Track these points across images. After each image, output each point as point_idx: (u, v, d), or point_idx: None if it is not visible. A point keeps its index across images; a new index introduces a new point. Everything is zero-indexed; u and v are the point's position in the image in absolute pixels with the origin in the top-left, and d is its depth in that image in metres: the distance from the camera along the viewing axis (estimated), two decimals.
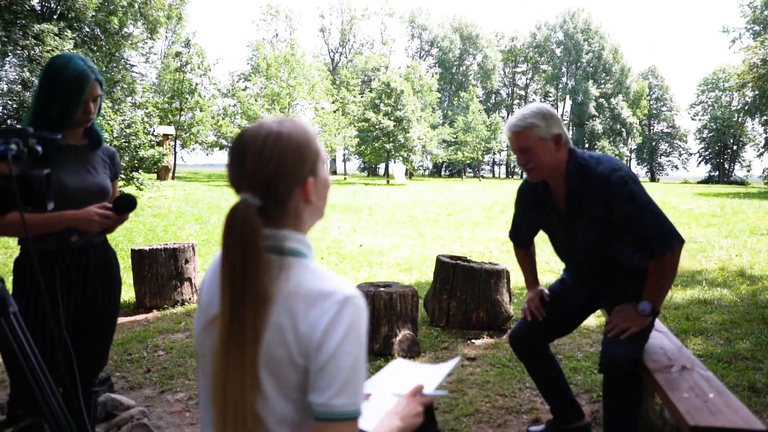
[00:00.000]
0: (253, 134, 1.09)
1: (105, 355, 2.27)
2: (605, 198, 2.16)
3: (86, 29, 27.80)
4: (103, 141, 2.24)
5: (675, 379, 1.93)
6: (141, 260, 5.35)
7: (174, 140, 32.95)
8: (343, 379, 1.00)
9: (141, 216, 11.76)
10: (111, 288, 2.22)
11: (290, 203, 1.09)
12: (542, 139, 2.21)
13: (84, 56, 2.11)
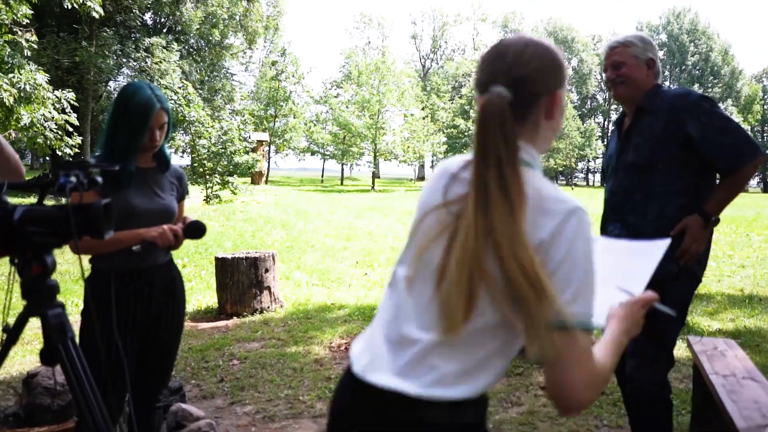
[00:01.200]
0: (514, 40, 1.12)
1: (168, 374, 2.33)
2: (673, 109, 2.13)
3: (191, 41, 29.54)
4: (171, 163, 2.31)
5: None
6: (224, 267, 5.54)
7: (268, 146, 34.27)
8: (577, 286, 0.96)
9: (232, 220, 12.26)
10: (175, 308, 2.28)
11: (534, 111, 1.10)
12: (636, 57, 2.24)
13: (154, 85, 2.18)
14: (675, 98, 2.17)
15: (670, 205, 2.11)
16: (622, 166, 2.23)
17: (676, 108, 2.13)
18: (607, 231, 2.33)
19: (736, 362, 2.44)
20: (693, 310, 5.66)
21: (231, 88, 35.22)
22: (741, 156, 2.05)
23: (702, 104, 2.12)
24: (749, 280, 7.27)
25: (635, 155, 2.18)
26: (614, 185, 2.27)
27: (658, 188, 2.11)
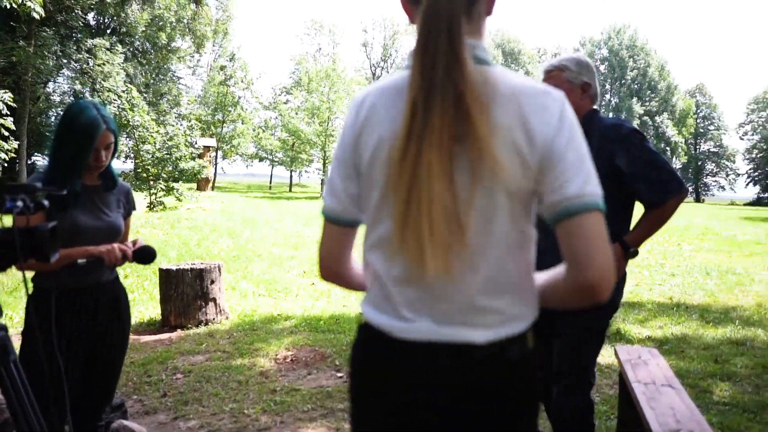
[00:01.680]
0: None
1: (112, 391, 2.33)
2: (604, 140, 2.16)
3: (137, 43, 28.81)
4: (118, 181, 2.32)
5: None
6: (168, 279, 5.47)
7: (215, 152, 33.72)
8: (588, 167, 0.98)
9: (177, 228, 12.03)
10: (120, 325, 2.28)
11: (478, 6, 1.05)
12: (570, 82, 2.25)
13: (100, 104, 2.19)
14: (608, 128, 2.20)
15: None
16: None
17: (608, 138, 2.17)
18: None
19: (657, 370, 2.63)
20: (625, 318, 5.95)
21: (177, 92, 34.48)
22: (667, 191, 2.14)
23: (632, 138, 2.17)
24: (678, 289, 7.67)
25: None
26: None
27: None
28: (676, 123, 66.91)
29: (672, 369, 4.16)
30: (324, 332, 5.34)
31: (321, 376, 4.16)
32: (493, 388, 1.01)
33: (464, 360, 1.01)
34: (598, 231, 0.96)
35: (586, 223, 0.95)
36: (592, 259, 0.95)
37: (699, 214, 27.52)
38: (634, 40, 68.52)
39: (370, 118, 1.06)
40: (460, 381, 1.01)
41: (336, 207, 1.13)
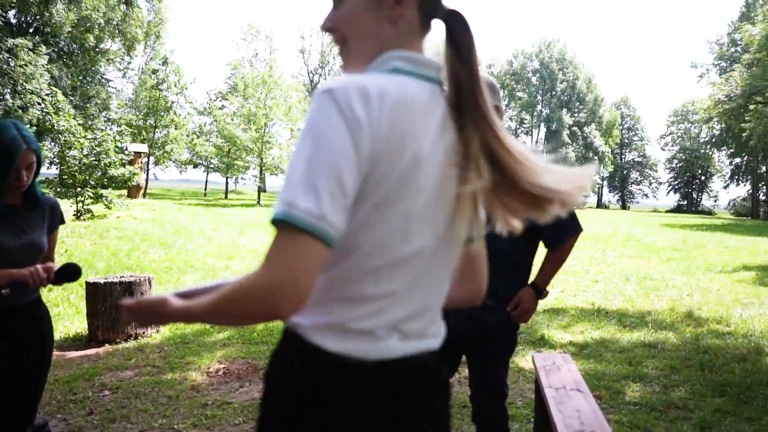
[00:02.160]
0: None
1: (34, 412, 2.30)
2: None
3: (62, 44, 27.66)
4: (41, 198, 2.30)
5: None
6: (95, 293, 5.34)
7: (147, 157, 32.74)
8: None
9: (106, 238, 11.66)
10: (41, 346, 2.27)
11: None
12: None
13: (21, 124, 2.18)
14: None
15: (512, 275, 2.36)
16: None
17: None
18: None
19: (568, 375, 2.82)
20: (549, 325, 6.24)
21: (107, 95, 33.32)
22: (566, 232, 2.33)
23: None
24: (600, 295, 8.08)
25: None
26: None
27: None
28: (603, 133, 70.03)
29: (590, 372, 4.44)
30: (258, 344, 5.34)
31: (254, 389, 4.18)
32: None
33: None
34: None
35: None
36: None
37: (624, 221, 28.95)
38: (564, 53, 71.29)
39: (401, 124, 0.96)
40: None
41: (340, 224, 0.90)
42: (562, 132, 67.94)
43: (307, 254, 0.87)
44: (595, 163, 9.47)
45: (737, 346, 5.37)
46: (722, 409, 3.82)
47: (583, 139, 68.62)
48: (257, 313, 0.92)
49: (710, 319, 6.54)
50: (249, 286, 0.89)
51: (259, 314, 0.92)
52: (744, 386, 4.22)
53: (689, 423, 3.60)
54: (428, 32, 1.12)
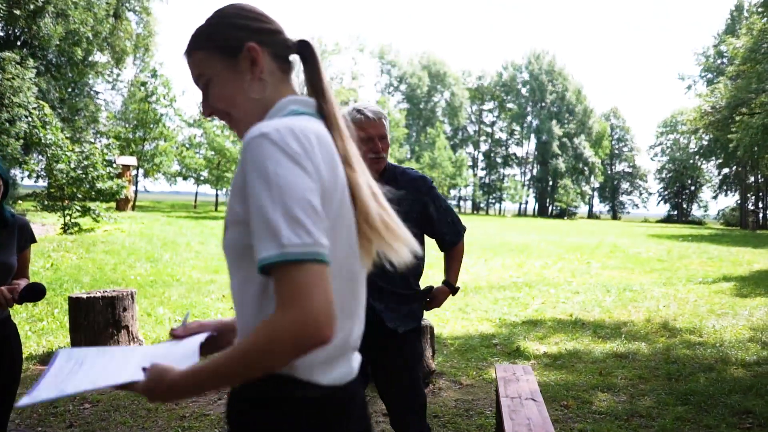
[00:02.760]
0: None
1: (4, 426, 2.40)
2: (418, 191, 2.42)
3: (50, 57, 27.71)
4: (9, 219, 2.42)
5: None
6: (78, 307, 5.41)
7: (136, 170, 32.76)
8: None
9: (92, 252, 11.71)
10: (10, 366, 2.37)
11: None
12: (386, 135, 2.38)
13: None
14: (415, 180, 2.45)
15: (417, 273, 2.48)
16: None
17: (419, 189, 2.44)
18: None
19: (525, 386, 2.95)
20: (526, 336, 6.38)
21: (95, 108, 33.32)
22: (459, 232, 2.57)
23: (434, 189, 2.50)
24: (579, 306, 8.24)
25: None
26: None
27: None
28: (593, 144, 70.67)
29: (560, 383, 4.57)
30: None
31: None
32: None
33: None
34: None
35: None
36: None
37: (612, 232, 29.26)
38: (553, 65, 72.00)
39: (327, 155, 1.04)
40: None
41: (328, 244, 0.95)
42: (552, 143, 68.51)
43: (320, 279, 0.90)
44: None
45: (706, 356, 5.52)
46: (683, 417, 3.96)
47: (573, 150, 69.22)
48: (294, 353, 0.90)
49: (683, 330, 6.70)
50: (277, 330, 0.89)
51: (297, 353, 0.90)
52: (707, 395, 4.37)
53: (650, 430, 3.74)
54: (293, 68, 1.24)
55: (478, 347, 5.91)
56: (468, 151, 75.11)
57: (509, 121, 74.16)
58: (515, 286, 10.17)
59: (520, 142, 75.56)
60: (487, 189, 72.65)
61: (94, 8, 26.50)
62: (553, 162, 69.01)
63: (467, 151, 74.72)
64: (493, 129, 76.80)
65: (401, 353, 2.38)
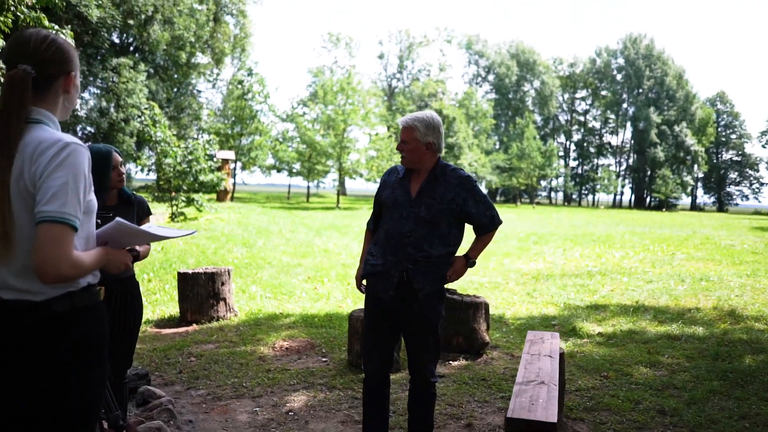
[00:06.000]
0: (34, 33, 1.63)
1: (129, 359, 3.21)
2: (461, 188, 2.94)
3: (158, 61, 30.20)
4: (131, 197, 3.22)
5: (526, 390, 2.68)
6: (185, 281, 6.38)
7: (234, 163, 34.94)
8: (52, 194, 1.46)
9: (196, 238, 13.02)
10: (132, 316, 3.16)
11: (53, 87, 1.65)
12: (417, 140, 2.93)
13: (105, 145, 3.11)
14: (460, 178, 2.99)
15: (446, 249, 2.99)
16: (413, 217, 2.93)
17: (462, 186, 2.96)
18: (387, 262, 2.95)
19: (547, 346, 3.43)
20: (586, 318, 6.72)
21: (198, 106, 35.83)
22: (494, 224, 3.05)
23: (476, 187, 3.00)
24: (647, 293, 8.37)
25: (427, 212, 2.92)
26: (407, 230, 2.93)
27: (438, 239, 2.95)
28: (695, 132, 66.82)
29: (606, 357, 4.97)
30: (317, 327, 6.20)
31: (308, 360, 5.02)
32: None
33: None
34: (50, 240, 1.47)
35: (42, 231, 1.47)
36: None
37: (710, 224, 27.90)
38: (651, 49, 68.63)
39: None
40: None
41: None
42: (650, 131, 65.50)
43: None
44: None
45: (762, 341, 5.65)
46: (716, 390, 4.26)
47: (674, 138, 65.80)
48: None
49: (749, 317, 6.76)
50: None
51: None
52: (747, 373, 4.60)
53: (679, 399, 4.08)
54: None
55: (537, 326, 6.34)
56: (559, 140, 73.31)
57: (603, 109, 71.54)
58: (588, 274, 10.36)
59: (615, 130, 72.72)
60: (580, 180, 70.51)
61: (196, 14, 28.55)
62: (651, 151, 65.92)
63: (558, 141, 72.94)
64: (586, 118, 74.39)
65: (424, 309, 2.94)
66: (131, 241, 1.85)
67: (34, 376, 1.53)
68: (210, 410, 3.88)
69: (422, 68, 71.18)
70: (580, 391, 4.25)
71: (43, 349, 1.54)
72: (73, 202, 1.49)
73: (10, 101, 1.52)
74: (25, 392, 1.53)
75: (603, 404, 3.98)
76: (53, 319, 1.55)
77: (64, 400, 1.56)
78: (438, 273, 2.94)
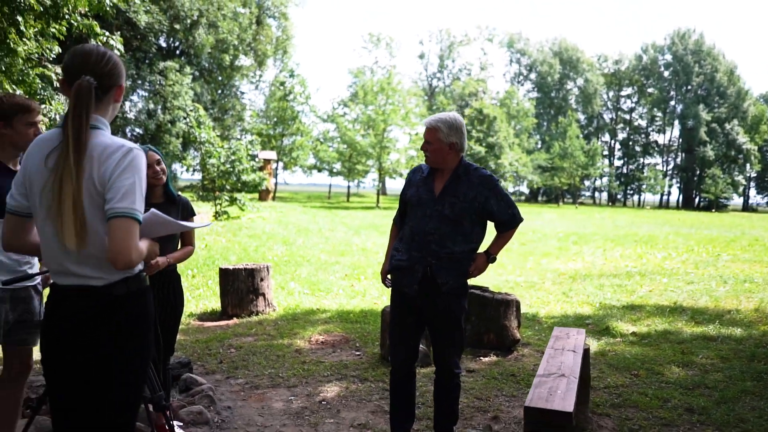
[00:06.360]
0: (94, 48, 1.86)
1: (171, 345, 3.42)
2: (483, 187, 3.05)
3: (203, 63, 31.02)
4: (176, 197, 3.42)
5: (546, 381, 2.77)
6: (226, 277, 6.64)
7: (276, 163, 35.57)
8: (122, 193, 1.67)
9: (238, 236, 13.40)
10: (173, 307, 3.37)
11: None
12: (440, 140, 3.05)
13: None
14: (482, 177, 3.09)
15: (469, 246, 3.09)
16: (437, 215, 3.04)
17: (484, 185, 3.07)
18: (413, 258, 3.07)
19: (571, 341, 3.49)
20: (621, 318, 6.70)
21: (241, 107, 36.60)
22: (514, 221, 3.14)
23: (498, 186, 3.10)
24: (687, 294, 8.25)
25: (450, 210, 3.03)
26: (431, 227, 3.04)
27: (461, 236, 3.06)
28: (747, 130, 64.57)
29: (638, 357, 4.98)
30: (353, 323, 6.37)
31: (342, 354, 5.19)
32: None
33: None
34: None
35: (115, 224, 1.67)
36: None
37: (761, 225, 26.97)
38: (700, 44, 66.60)
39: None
40: None
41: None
42: (699, 129, 63.56)
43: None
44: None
45: None
46: (748, 390, 4.23)
47: (724, 136, 63.68)
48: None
49: None
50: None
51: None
52: None
53: (709, 398, 4.08)
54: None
55: (570, 325, 6.35)
56: (604, 139, 71.85)
57: (650, 107, 69.78)
58: (627, 274, 10.25)
59: (662, 128, 70.80)
60: (625, 179, 68.90)
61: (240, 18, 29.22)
62: (700, 150, 63.94)
63: (603, 139, 71.49)
64: (632, 116, 72.63)
65: (448, 304, 3.06)
66: (162, 230, 2.04)
67: (92, 350, 1.74)
68: (248, 398, 4.08)
69: (463, 67, 70.90)
70: (609, 388, 4.29)
71: (100, 327, 1.75)
72: (138, 199, 1.71)
73: (79, 107, 1.71)
74: (86, 364, 1.74)
75: (630, 401, 4.02)
76: (111, 301, 1.76)
77: (119, 370, 1.75)
78: (461, 269, 3.05)
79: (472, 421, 3.70)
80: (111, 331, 1.75)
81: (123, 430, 1.81)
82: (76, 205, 1.66)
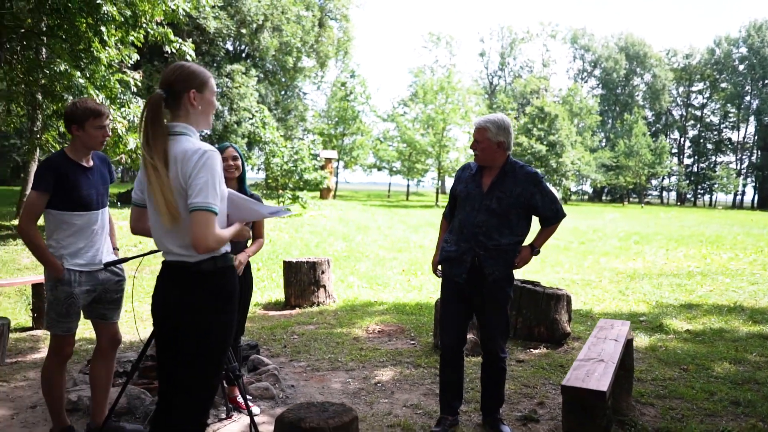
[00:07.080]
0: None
1: (242, 326, 3.81)
2: (528, 183, 3.26)
3: (267, 66, 32.05)
4: (248, 192, 3.79)
5: (585, 365, 2.96)
6: (289, 269, 7.07)
7: (337, 162, 36.30)
8: (198, 189, 1.97)
9: (300, 232, 13.93)
10: (244, 298, 3.74)
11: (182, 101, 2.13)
12: (489, 140, 3.27)
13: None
14: (528, 174, 3.29)
15: (515, 239, 3.30)
16: (485, 209, 3.27)
17: (529, 182, 3.27)
18: (461, 249, 3.31)
19: (614, 331, 3.64)
20: (676, 316, 6.69)
21: (304, 108, 37.53)
22: (558, 217, 3.34)
23: (543, 183, 3.30)
24: (748, 295, 8.09)
25: (498, 205, 3.25)
26: (479, 220, 3.27)
27: (507, 229, 3.27)
28: None
29: (690, 353, 5.04)
30: (408, 314, 6.65)
31: (398, 342, 5.49)
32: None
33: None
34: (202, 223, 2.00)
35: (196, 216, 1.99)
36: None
37: None
38: None
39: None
40: None
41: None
42: None
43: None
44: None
45: None
46: None
47: None
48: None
49: None
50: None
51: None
52: None
53: (758, 393, 4.12)
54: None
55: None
56: (672, 137, 69.30)
57: (723, 103, 66.70)
58: (688, 274, 10.08)
59: (737, 125, 67.53)
60: (695, 178, 66.18)
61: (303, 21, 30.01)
62: None
63: (671, 137, 68.97)
64: (703, 112, 69.62)
65: (494, 292, 3.29)
66: (248, 215, 2.33)
67: (188, 316, 2.10)
68: (309, 378, 4.43)
69: (524, 65, 69.98)
70: (655, 381, 4.40)
71: (193, 296, 2.10)
72: (213, 193, 2.01)
73: (147, 117, 2.06)
74: (183, 324, 2.10)
75: (676, 393, 4.12)
76: (201, 275, 2.11)
77: (207, 335, 2.10)
78: (507, 260, 3.28)
79: (519, 406, 3.91)
80: (202, 300, 2.10)
81: (210, 383, 2.16)
82: (165, 196, 2.00)
